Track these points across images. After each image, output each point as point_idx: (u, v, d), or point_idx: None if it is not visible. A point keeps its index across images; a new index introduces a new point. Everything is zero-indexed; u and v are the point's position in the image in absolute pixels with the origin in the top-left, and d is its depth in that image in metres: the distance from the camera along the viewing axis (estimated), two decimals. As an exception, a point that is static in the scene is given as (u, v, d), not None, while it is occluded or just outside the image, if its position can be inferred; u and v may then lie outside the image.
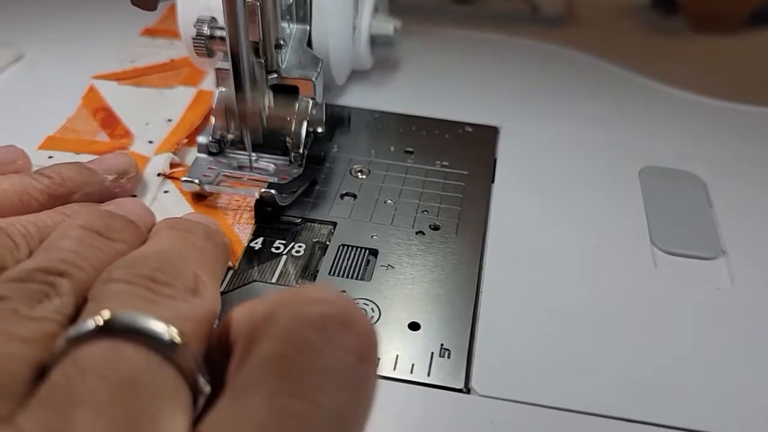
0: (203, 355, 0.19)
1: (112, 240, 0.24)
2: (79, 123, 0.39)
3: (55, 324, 0.19)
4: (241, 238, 0.32)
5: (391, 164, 0.37)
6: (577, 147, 0.39)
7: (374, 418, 0.25)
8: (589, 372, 0.27)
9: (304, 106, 0.35)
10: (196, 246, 0.25)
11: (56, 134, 0.38)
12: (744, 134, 0.42)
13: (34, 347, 0.18)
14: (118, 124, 0.39)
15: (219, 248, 0.27)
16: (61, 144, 0.37)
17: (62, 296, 0.20)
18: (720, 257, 0.33)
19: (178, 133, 0.37)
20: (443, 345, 0.27)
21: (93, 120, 0.39)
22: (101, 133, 0.38)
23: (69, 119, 0.39)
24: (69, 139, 0.37)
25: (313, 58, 0.36)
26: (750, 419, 0.26)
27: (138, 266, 0.21)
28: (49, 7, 0.50)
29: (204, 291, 0.21)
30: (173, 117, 0.39)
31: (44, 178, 0.29)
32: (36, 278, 0.20)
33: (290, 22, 0.37)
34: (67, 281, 0.20)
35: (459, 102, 0.43)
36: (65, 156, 0.36)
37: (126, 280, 0.20)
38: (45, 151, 0.36)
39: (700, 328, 0.29)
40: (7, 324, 0.18)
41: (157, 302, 0.19)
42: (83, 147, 0.37)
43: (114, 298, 0.19)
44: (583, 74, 0.47)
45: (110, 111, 0.40)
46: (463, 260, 0.31)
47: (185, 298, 0.20)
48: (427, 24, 0.52)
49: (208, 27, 0.33)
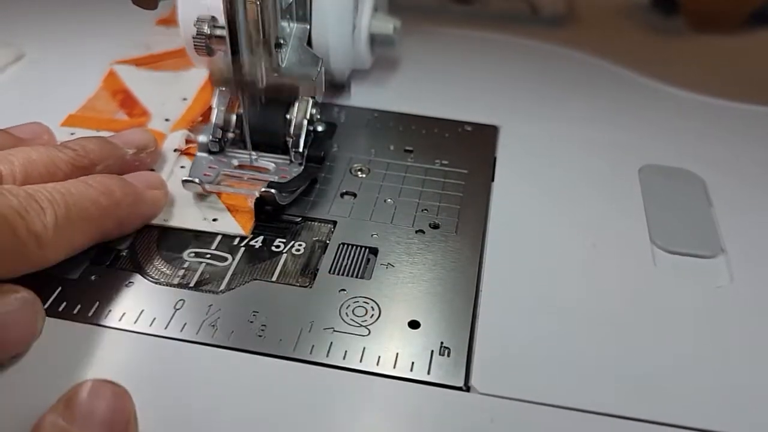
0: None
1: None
2: (99, 103, 0.41)
3: None
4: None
5: (391, 163, 0.37)
6: (577, 146, 0.39)
7: (374, 417, 0.25)
8: (588, 370, 0.27)
9: (305, 105, 0.35)
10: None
11: (77, 113, 0.40)
12: (743, 133, 0.42)
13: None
14: (137, 104, 0.41)
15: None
16: (82, 121, 0.39)
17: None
18: (719, 255, 0.33)
19: (192, 112, 0.40)
20: (443, 343, 0.27)
21: (112, 100, 0.41)
22: (120, 112, 0.40)
23: (89, 99, 0.41)
24: (90, 117, 0.39)
25: (313, 57, 0.36)
26: (750, 417, 0.26)
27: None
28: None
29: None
30: (188, 96, 0.41)
31: (69, 150, 0.31)
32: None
33: (290, 21, 0.37)
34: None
35: (459, 101, 0.43)
36: (86, 132, 0.37)
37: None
38: (67, 128, 0.38)
39: (700, 327, 0.29)
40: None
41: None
42: (103, 125, 0.39)
43: None
44: (583, 74, 0.47)
45: (129, 93, 0.42)
46: (462, 259, 0.31)
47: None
48: (427, 24, 0.52)
49: (209, 26, 0.33)
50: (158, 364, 0.26)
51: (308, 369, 0.26)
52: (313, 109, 0.35)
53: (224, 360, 0.26)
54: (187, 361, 0.26)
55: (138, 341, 0.27)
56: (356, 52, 0.41)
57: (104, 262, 0.30)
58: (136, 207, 0.31)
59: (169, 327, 0.27)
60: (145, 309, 0.28)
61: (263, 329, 0.27)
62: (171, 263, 0.31)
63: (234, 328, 0.27)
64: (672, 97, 0.45)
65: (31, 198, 0.26)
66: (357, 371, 0.26)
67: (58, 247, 0.27)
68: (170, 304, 0.28)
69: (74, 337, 0.27)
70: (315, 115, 0.36)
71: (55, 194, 0.27)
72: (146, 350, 0.27)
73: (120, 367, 0.26)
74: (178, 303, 0.28)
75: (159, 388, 0.25)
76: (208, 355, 0.26)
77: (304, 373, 0.26)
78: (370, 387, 0.26)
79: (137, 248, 0.31)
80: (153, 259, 0.31)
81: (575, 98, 0.44)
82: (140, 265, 0.30)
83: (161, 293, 0.29)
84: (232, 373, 0.26)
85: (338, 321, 0.28)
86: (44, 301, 0.28)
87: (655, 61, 0.50)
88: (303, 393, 0.25)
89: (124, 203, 0.30)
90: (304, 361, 0.26)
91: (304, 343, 0.27)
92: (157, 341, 0.27)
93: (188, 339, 0.27)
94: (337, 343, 0.27)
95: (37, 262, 0.27)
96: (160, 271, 0.30)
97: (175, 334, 0.27)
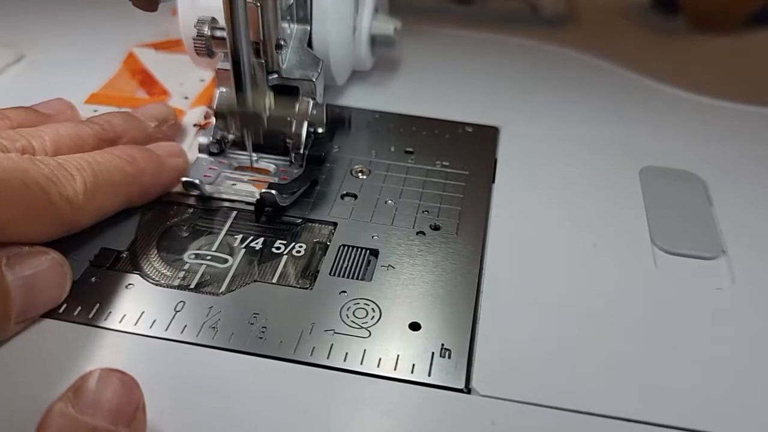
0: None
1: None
2: (119, 83, 0.43)
3: None
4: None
5: (391, 164, 0.37)
6: (578, 147, 0.39)
7: (375, 419, 0.25)
8: (589, 372, 0.27)
9: (305, 106, 0.35)
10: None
11: (99, 91, 0.42)
12: (744, 134, 0.42)
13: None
14: (156, 84, 0.43)
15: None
16: (103, 99, 0.41)
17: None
18: (720, 257, 0.33)
19: (211, 91, 0.40)
20: (444, 345, 0.27)
21: (132, 80, 0.44)
22: (140, 91, 0.43)
23: (110, 80, 0.43)
24: (111, 95, 0.42)
25: (314, 58, 0.36)
26: (750, 419, 0.26)
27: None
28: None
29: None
30: (205, 78, 0.44)
31: (95, 124, 0.33)
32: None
33: (290, 22, 0.37)
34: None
35: (459, 102, 0.43)
36: (108, 110, 0.39)
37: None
38: (90, 106, 0.40)
39: (701, 328, 0.29)
40: None
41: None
42: (124, 102, 0.41)
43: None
44: (583, 74, 0.47)
45: (148, 73, 0.44)
46: (463, 260, 0.31)
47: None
48: (427, 24, 0.52)
49: (209, 27, 0.33)
50: (159, 366, 0.26)
51: (309, 371, 0.26)
52: (313, 111, 0.35)
53: (225, 362, 0.26)
54: (187, 363, 0.26)
55: (138, 343, 0.27)
56: (357, 54, 0.41)
57: (104, 264, 0.30)
58: (159, 174, 0.33)
59: (170, 329, 0.27)
60: (146, 311, 0.28)
61: (264, 331, 0.27)
62: (171, 265, 0.31)
63: (234, 330, 0.27)
64: (672, 98, 0.45)
65: (61, 167, 0.28)
66: (358, 373, 0.26)
67: (88, 210, 0.29)
68: (171, 306, 0.28)
69: (75, 339, 0.27)
70: (315, 116, 0.36)
71: (83, 163, 0.29)
72: (147, 352, 0.27)
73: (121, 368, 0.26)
74: (179, 305, 0.28)
75: (159, 391, 0.25)
76: (208, 357, 0.26)
77: (304, 375, 0.26)
78: (371, 389, 0.26)
79: (137, 249, 0.31)
80: (153, 260, 0.31)
81: (576, 99, 0.44)
82: (140, 267, 0.30)
83: (162, 295, 0.29)
84: (232, 375, 0.26)
85: (339, 323, 0.28)
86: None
87: (655, 62, 0.50)
88: (303, 395, 0.25)
89: (147, 170, 0.32)
90: (305, 363, 0.26)
91: (304, 345, 0.27)
92: (157, 343, 0.27)
93: (189, 341, 0.27)
94: (338, 345, 0.27)
95: (70, 224, 0.29)
96: (160, 272, 0.30)
97: (175, 336, 0.27)
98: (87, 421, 0.21)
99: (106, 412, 0.22)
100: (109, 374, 0.23)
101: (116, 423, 0.22)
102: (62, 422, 0.21)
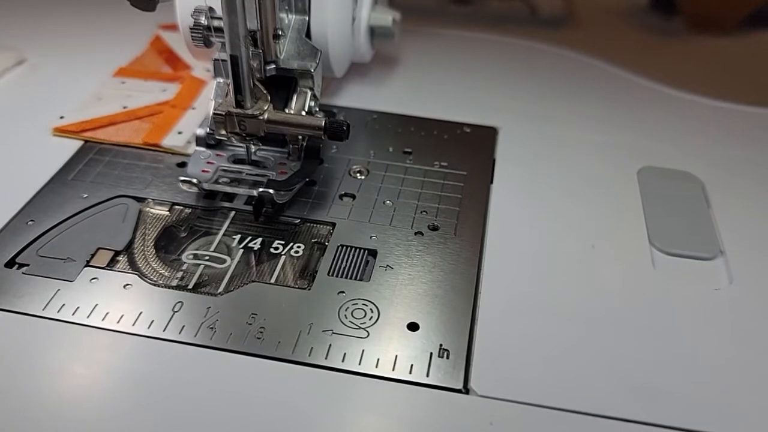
0: None
1: None
2: (146, 60, 0.46)
3: None
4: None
5: (389, 165, 0.37)
6: (576, 147, 0.39)
7: (373, 419, 0.25)
8: (587, 372, 0.27)
9: (303, 97, 0.35)
10: None
11: (127, 66, 0.45)
12: (742, 135, 0.42)
13: None
14: (179, 60, 0.46)
15: None
16: (131, 73, 0.45)
17: None
18: (718, 257, 0.33)
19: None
20: (442, 345, 0.27)
21: (158, 58, 0.47)
22: (165, 66, 0.46)
23: (137, 57, 0.46)
24: (138, 70, 0.45)
25: (312, 48, 0.36)
26: (749, 419, 0.26)
27: None
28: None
29: None
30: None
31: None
32: None
33: (289, 12, 0.37)
34: None
35: (458, 102, 0.43)
36: (135, 82, 0.43)
37: None
38: (118, 78, 0.44)
39: (699, 328, 0.29)
40: None
41: None
42: (150, 75, 0.44)
43: None
44: (582, 75, 0.47)
45: (173, 52, 0.47)
46: (461, 261, 0.31)
47: None
48: (427, 24, 0.52)
49: (206, 17, 0.33)
50: (157, 366, 0.26)
51: (307, 371, 0.26)
52: (311, 102, 0.35)
53: (223, 362, 0.26)
54: (185, 363, 0.26)
55: (136, 343, 0.27)
56: (356, 45, 0.41)
57: (102, 264, 0.30)
58: None
59: (168, 329, 0.27)
60: (144, 311, 0.28)
61: (262, 331, 0.27)
62: (169, 265, 0.31)
63: (232, 331, 0.27)
64: (671, 99, 0.45)
65: None
66: (356, 373, 0.26)
67: None
68: (169, 306, 0.28)
69: (72, 339, 0.27)
70: (313, 107, 0.36)
71: None
72: (145, 353, 0.27)
73: (118, 369, 0.26)
74: (177, 305, 0.28)
75: (157, 391, 0.25)
76: (206, 357, 0.26)
77: (302, 376, 0.26)
78: (369, 389, 0.26)
79: (135, 250, 0.31)
80: (151, 260, 0.31)
81: (574, 100, 0.44)
82: (138, 267, 0.30)
83: (160, 295, 0.29)
84: (231, 375, 0.26)
85: (337, 323, 0.28)
86: (42, 303, 0.28)
87: (654, 63, 0.50)
88: (302, 395, 0.25)
89: None
90: (303, 364, 0.26)
91: (302, 345, 0.27)
92: (155, 343, 0.27)
93: (187, 341, 0.27)
94: (336, 346, 0.27)
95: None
96: (158, 272, 0.30)
97: (173, 336, 0.27)
98: None
99: None
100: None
101: None
102: None
